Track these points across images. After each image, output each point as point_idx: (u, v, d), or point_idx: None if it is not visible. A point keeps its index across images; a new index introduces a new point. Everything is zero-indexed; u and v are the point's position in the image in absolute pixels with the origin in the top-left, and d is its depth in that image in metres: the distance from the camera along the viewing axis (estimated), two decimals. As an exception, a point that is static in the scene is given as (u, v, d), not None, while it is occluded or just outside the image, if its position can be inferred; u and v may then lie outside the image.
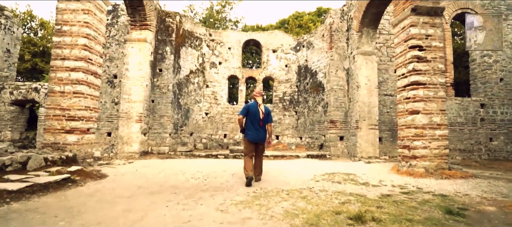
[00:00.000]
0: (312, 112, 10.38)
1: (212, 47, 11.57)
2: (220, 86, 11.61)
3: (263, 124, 4.36)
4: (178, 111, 9.51)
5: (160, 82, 8.82)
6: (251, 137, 4.29)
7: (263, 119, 4.35)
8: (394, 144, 9.17)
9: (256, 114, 4.31)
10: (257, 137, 4.30)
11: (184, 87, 10.01)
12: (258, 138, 4.32)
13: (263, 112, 4.36)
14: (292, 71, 11.67)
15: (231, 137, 11.41)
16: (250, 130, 4.31)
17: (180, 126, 9.68)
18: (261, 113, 4.34)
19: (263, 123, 4.36)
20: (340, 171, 5.99)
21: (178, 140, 9.50)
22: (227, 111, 11.57)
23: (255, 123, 4.29)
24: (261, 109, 4.36)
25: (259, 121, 4.30)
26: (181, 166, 6.35)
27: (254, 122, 4.29)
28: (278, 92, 11.81)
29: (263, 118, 4.35)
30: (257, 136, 4.30)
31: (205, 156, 8.43)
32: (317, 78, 10.25)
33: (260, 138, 4.33)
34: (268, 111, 4.50)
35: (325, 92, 9.63)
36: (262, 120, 4.33)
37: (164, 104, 8.73)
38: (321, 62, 10.13)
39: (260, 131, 4.32)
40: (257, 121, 4.29)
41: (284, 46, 11.98)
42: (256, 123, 4.29)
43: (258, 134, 4.30)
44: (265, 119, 4.38)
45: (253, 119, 4.29)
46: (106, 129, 8.62)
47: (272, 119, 5.13)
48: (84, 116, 5.18)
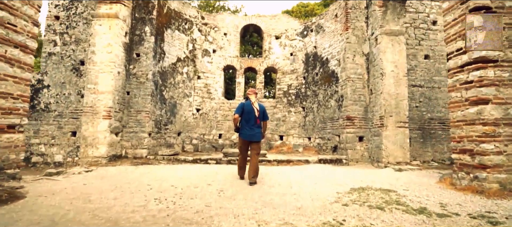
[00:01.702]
0: (323, 107, 8.71)
1: (205, 32, 9.93)
2: (214, 78, 9.96)
3: (258, 122, 4.35)
4: (161, 106, 7.88)
5: (137, 70, 7.18)
6: (245, 135, 4.31)
7: (258, 117, 4.34)
8: (425, 145, 7.46)
9: (251, 112, 4.31)
10: (252, 135, 4.30)
11: (170, 78, 8.37)
12: (253, 137, 4.31)
13: (258, 110, 4.35)
14: (298, 61, 9.99)
15: (227, 137, 9.77)
16: (244, 128, 4.33)
17: (164, 124, 8.04)
18: (256, 111, 4.32)
19: (258, 121, 4.36)
20: (370, 184, 4.33)
21: (161, 141, 7.86)
22: (223, 108, 9.93)
23: (250, 121, 4.31)
24: (256, 108, 4.34)
25: (255, 119, 4.32)
26: (153, 177, 4.71)
27: (249, 120, 4.32)
28: (282, 85, 10.15)
29: (258, 115, 4.33)
30: (252, 134, 4.29)
31: (192, 161, 6.79)
32: (329, 67, 8.58)
33: (255, 136, 4.32)
34: (263, 109, 4.49)
35: (340, 83, 7.95)
36: (258, 118, 4.34)
37: (142, 97, 7.10)
38: (333, 47, 8.45)
39: (255, 129, 4.32)
40: (253, 119, 4.31)
41: (289, 32, 10.31)
42: (251, 121, 4.31)
43: (253, 132, 4.30)
44: (260, 117, 4.38)
45: (248, 117, 4.31)
46: (70, 127, 7.00)
47: (268, 115, 4.83)
48: (3, 107, 3.54)
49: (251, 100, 4.38)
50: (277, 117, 9.96)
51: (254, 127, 4.30)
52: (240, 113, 4.33)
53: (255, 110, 4.29)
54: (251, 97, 4.42)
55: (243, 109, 4.31)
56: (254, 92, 4.50)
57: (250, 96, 4.44)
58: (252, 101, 4.37)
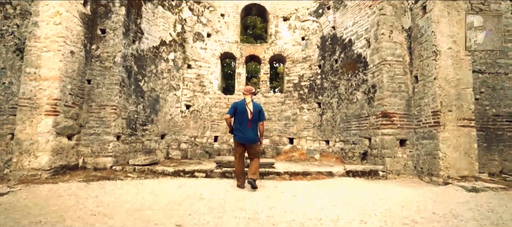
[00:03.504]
0: (346, 102, 6.82)
1: (198, 12, 8.13)
2: (208, 68, 8.14)
3: (252, 124, 4.03)
4: (137, 101, 6.07)
5: (102, 51, 5.39)
6: (238, 137, 4.04)
7: (252, 119, 4.02)
8: (491, 152, 5.54)
9: (244, 113, 4.03)
10: (245, 137, 4.01)
11: (150, 65, 6.57)
12: (247, 139, 4.01)
13: (251, 111, 4.03)
14: (312, 46, 8.13)
15: (224, 141, 7.93)
16: (237, 130, 4.06)
17: (141, 124, 6.23)
18: (249, 113, 4.02)
19: (252, 123, 4.03)
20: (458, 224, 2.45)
21: (136, 146, 6.04)
22: (220, 104, 8.11)
23: (243, 123, 4.03)
24: (249, 109, 4.03)
25: (247, 121, 4.01)
26: (93, 208, 2.89)
27: (242, 122, 4.04)
28: (292, 76, 8.28)
29: (252, 117, 4.02)
30: (245, 136, 4.00)
31: (173, 173, 4.96)
32: (353, 51, 6.70)
33: (249, 139, 4.01)
34: (259, 108, 4.15)
35: (370, 69, 6.06)
36: (251, 120, 4.01)
37: (108, 86, 5.30)
38: (359, 25, 6.57)
39: (248, 131, 4.01)
40: (245, 120, 4.02)
41: (300, 12, 8.46)
42: (243, 123, 4.02)
43: (246, 134, 4.00)
44: (255, 118, 4.06)
45: (241, 118, 4.04)
46: (11, 127, 5.22)
47: (265, 115, 4.54)
48: None
49: (246, 101, 4.11)
50: (286, 115, 8.10)
51: (248, 129, 4.02)
52: (232, 113, 4.13)
53: (248, 111, 4.04)
54: (247, 97, 4.14)
55: (235, 110, 4.10)
56: (251, 92, 4.20)
57: (246, 96, 4.16)
58: (246, 101, 4.10)
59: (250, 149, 4.08)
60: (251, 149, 4.07)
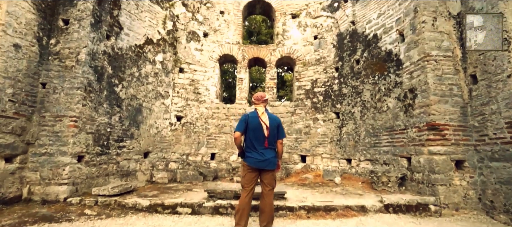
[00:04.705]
0: (373, 111, 5.47)
1: (193, 8, 6.99)
2: (204, 72, 6.93)
3: (269, 143, 2.90)
4: (110, 111, 4.83)
5: (63, 47, 4.21)
6: (252, 161, 2.86)
7: (269, 136, 2.90)
8: None
9: (258, 129, 2.90)
10: (261, 161, 2.85)
11: (131, 67, 5.37)
12: (264, 163, 2.86)
13: (268, 126, 2.90)
14: (326, 45, 6.88)
15: (223, 159, 6.61)
16: (251, 151, 2.91)
17: (117, 139, 4.97)
18: (264, 128, 2.89)
19: (269, 141, 2.91)
20: None
21: (109, 167, 4.75)
22: (217, 115, 6.83)
23: (258, 140, 2.90)
24: (264, 123, 2.90)
25: (263, 139, 2.89)
26: None
27: (256, 140, 2.90)
28: (303, 81, 7.00)
29: (269, 133, 2.90)
30: (261, 159, 2.85)
31: (148, 208, 3.63)
32: (381, 47, 5.42)
33: (266, 162, 2.86)
34: (277, 122, 3.02)
35: (405, 68, 4.75)
36: (268, 138, 2.89)
37: (67, 91, 4.08)
38: (388, 15, 5.32)
39: (266, 152, 2.89)
40: (260, 138, 2.89)
41: (311, 7, 7.27)
42: (259, 140, 2.90)
43: (263, 156, 2.85)
44: (272, 134, 2.93)
45: (254, 135, 2.90)
46: None
47: (284, 131, 3.23)
48: None
49: (258, 112, 2.98)
50: (297, 128, 6.77)
51: (265, 150, 2.88)
52: (242, 130, 2.91)
53: (264, 126, 2.89)
54: (259, 108, 3.02)
55: (246, 124, 2.93)
56: (263, 99, 3.05)
57: (257, 106, 3.04)
58: (259, 113, 2.97)
59: (265, 176, 2.95)
60: (267, 176, 2.95)
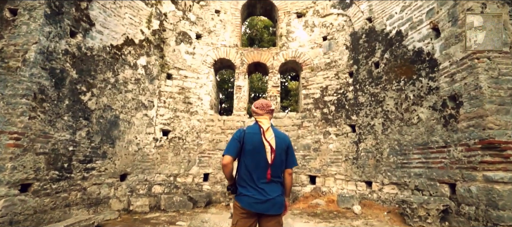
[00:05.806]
0: (399, 123, 4.47)
1: (184, 6, 6.14)
2: (197, 79, 6.00)
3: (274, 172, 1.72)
4: (74, 124, 3.87)
5: (7, 43, 3.31)
6: (248, 201, 1.69)
7: (274, 162, 1.72)
8: None
9: (259, 151, 1.72)
10: (262, 201, 1.68)
11: (105, 71, 4.44)
12: (265, 204, 1.68)
13: (273, 148, 1.71)
14: (338, 47, 5.95)
15: (218, 179, 5.59)
16: (246, 185, 1.73)
17: (83, 160, 3.99)
18: (268, 150, 1.70)
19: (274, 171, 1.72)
20: None
21: (71, 196, 3.75)
22: (212, 128, 5.86)
23: (258, 169, 1.72)
24: (267, 142, 1.72)
25: (266, 167, 1.71)
26: None
27: (255, 168, 1.72)
28: (312, 89, 6.05)
29: (274, 159, 1.71)
30: (262, 198, 1.68)
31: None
32: (407, 46, 4.47)
33: (269, 203, 1.68)
34: (286, 143, 1.83)
35: (444, 70, 3.77)
36: (272, 165, 1.71)
37: (8, 100, 3.14)
38: (416, 7, 4.39)
39: (269, 187, 1.71)
40: (261, 166, 1.71)
41: (319, 4, 6.39)
42: (259, 169, 1.71)
43: (264, 194, 1.68)
44: (279, 161, 1.75)
45: (253, 161, 1.73)
46: None
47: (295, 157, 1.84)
48: None
49: (263, 127, 1.77)
50: (305, 144, 5.76)
51: (267, 185, 1.69)
52: (235, 152, 1.74)
53: (267, 148, 1.70)
54: (262, 120, 1.81)
55: (242, 144, 1.75)
56: (268, 109, 1.85)
57: (260, 118, 1.83)
58: (263, 128, 1.76)
59: (267, 224, 1.76)
60: (271, 224, 1.76)
